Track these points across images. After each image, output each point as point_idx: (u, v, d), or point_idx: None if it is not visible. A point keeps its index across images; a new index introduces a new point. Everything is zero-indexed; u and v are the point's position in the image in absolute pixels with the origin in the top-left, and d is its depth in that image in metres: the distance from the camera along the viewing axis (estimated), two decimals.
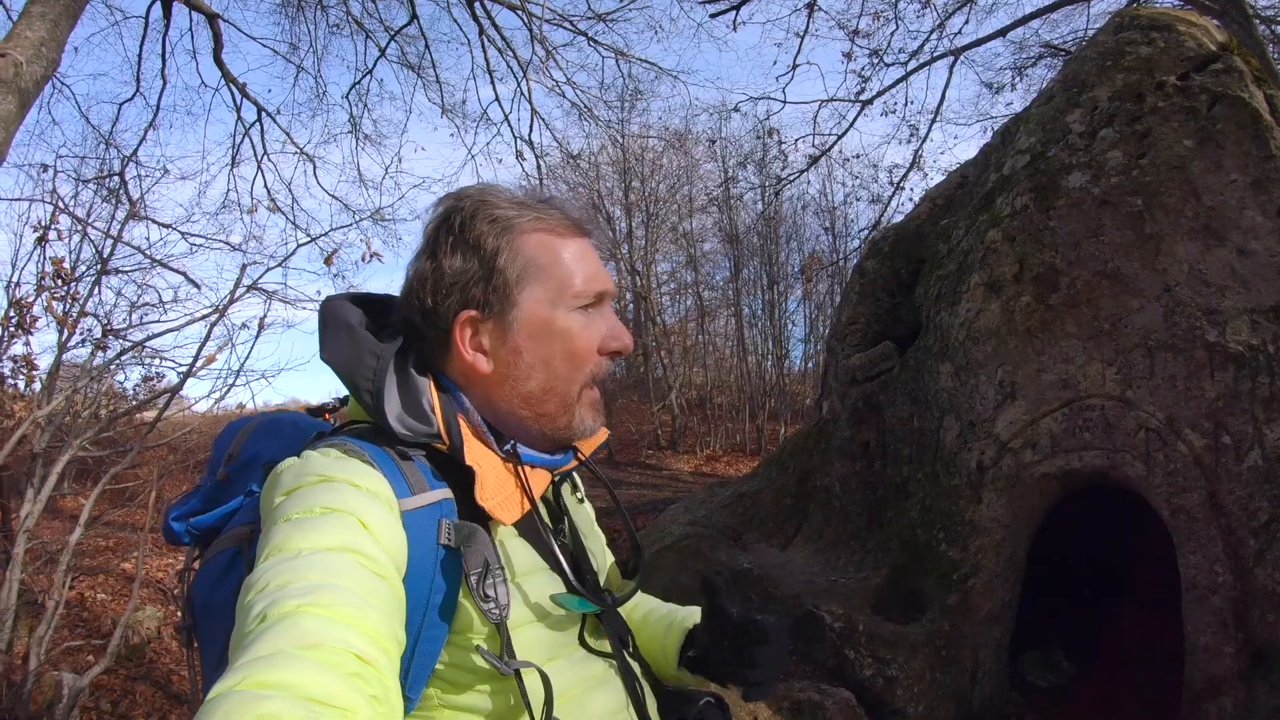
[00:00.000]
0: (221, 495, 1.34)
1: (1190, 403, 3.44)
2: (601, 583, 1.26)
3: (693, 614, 1.39)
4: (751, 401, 19.66)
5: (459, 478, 1.09)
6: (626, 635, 1.26)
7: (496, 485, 1.09)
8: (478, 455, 1.10)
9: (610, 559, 1.37)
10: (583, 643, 1.17)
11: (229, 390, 5.36)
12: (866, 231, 13.41)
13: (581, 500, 1.37)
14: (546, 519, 1.19)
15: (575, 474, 1.35)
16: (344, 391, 1.20)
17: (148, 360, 6.60)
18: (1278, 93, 3.90)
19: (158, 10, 8.98)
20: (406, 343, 1.16)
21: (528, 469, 1.15)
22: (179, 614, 1.39)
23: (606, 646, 1.20)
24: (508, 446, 1.15)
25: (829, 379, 6.18)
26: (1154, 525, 3.56)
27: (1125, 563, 4.44)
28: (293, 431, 1.35)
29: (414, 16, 10.55)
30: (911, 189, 12.41)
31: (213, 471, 1.37)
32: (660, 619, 1.42)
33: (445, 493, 1.08)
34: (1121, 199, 3.78)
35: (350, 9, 10.71)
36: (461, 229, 1.14)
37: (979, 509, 3.98)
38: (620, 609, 1.42)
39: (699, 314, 23.23)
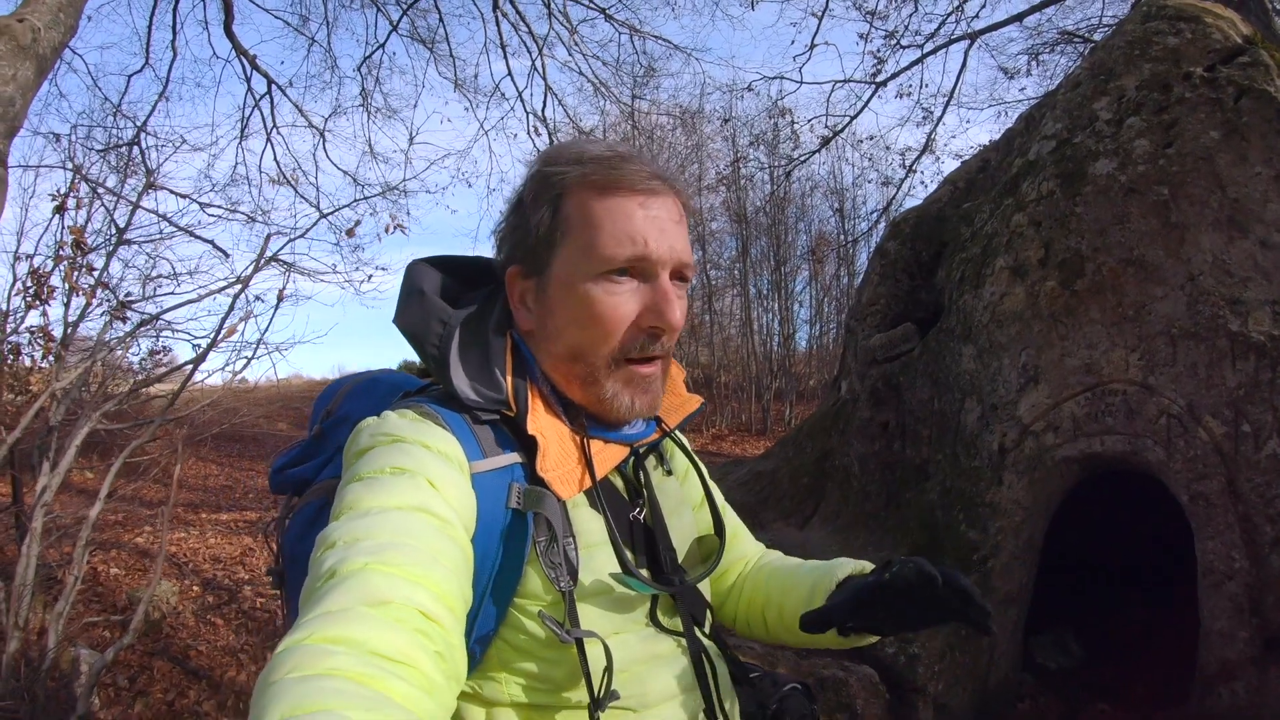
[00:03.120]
0: (316, 450, 1.38)
1: (1211, 390, 3.50)
2: (680, 559, 1.23)
3: (836, 570, 1.28)
4: (757, 381, 19.69)
5: (529, 445, 1.09)
6: (702, 614, 1.24)
7: (559, 457, 1.09)
8: (543, 425, 1.10)
9: (696, 534, 1.32)
10: (654, 619, 1.16)
11: (248, 364, 5.38)
12: (876, 213, 13.42)
13: (669, 473, 1.34)
14: (624, 493, 1.19)
15: (663, 446, 1.33)
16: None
17: (161, 333, 6.62)
18: None
19: None
20: (487, 302, 1.19)
21: (600, 443, 1.15)
22: (273, 560, 1.42)
23: (679, 625, 1.18)
24: (579, 419, 1.15)
25: (848, 359, 6.22)
26: (1168, 511, 3.62)
27: (1137, 548, 4.50)
28: (388, 392, 1.36)
29: None
30: (923, 172, 12.42)
31: (311, 427, 1.42)
32: (811, 572, 1.33)
33: (515, 457, 1.09)
34: (1148, 188, 3.82)
35: None
36: (527, 185, 1.16)
37: (999, 491, 4.04)
38: (753, 568, 1.48)
39: (706, 293, 23.23)
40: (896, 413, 5.20)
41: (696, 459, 1.38)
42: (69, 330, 5.65)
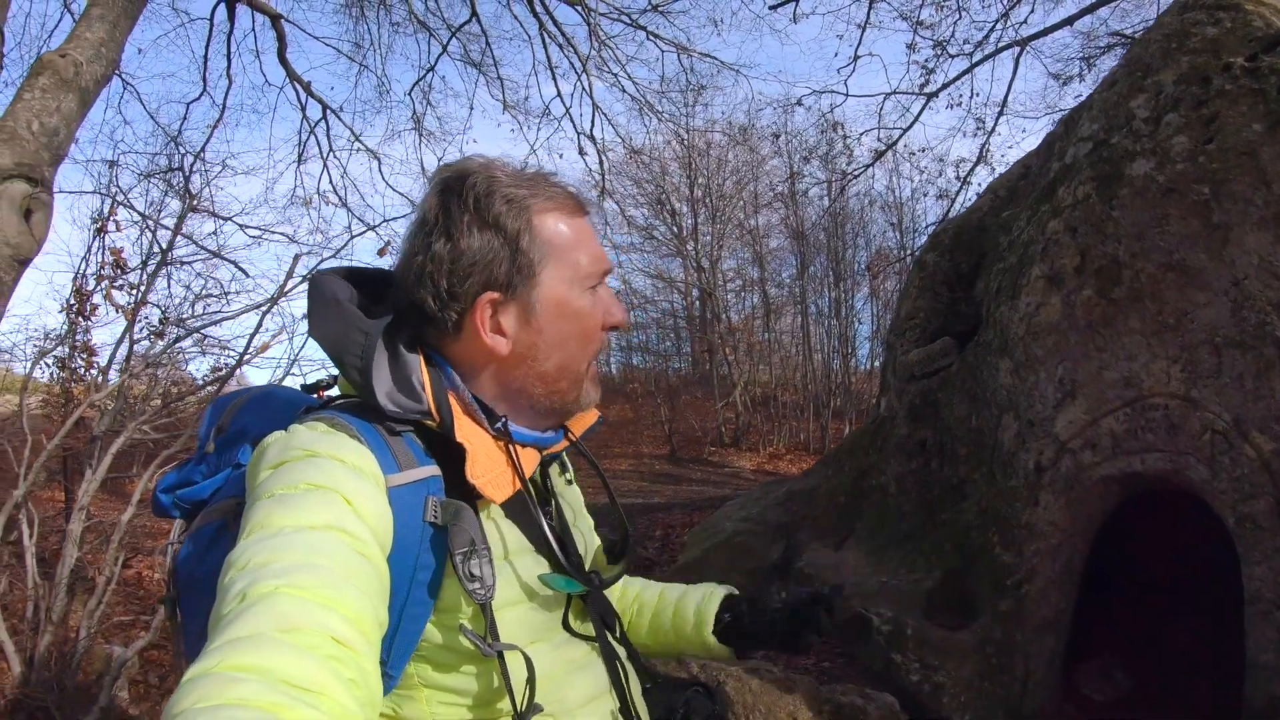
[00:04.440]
0: (209, 468, 1.34)
1: (1259, 403, 3.26)
2: (587, 566, 1.26)
3: (717, 588, 1.47)
4: (816, 400, 19.47)
5: (448, 455, 1.08)
6: (612, 619, 1.26)
7: (487, 463, 1.08)
8: (468, 433, 1.09)
9: (597, 542, 1.36)
10: (566, 626, 1.17)
11: (286, 377, 5.49)
12: (933, 227, 13.15)
13: (570, 482, 1.37)
14: (534, 498, 1.19)
15: (564, 455, 1.34)
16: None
17: (210, 349, 6.81)
18: None
19: (222, 12, 9.23)
20: (397, 319, 1.14)
21: (518, 448, 1.14)
22: (165, 588, 1.42)
23: (590, 630, 1.20)
24: (499, 424, 1.14)
25: (887, 375, 6.05)
26: (1217, 533, 3.38)
27: (1186, 573, 4.24)
28: (284, 406, 1.34)
29: (474, 14, 10.66)
30: (979, 183, 12.12)
31: (202, 444, 1.37)
32: (684, 591, 1.47)
33: (433, 470, 1.07)
34: (1187, 187, 3.60)
35: (413, 7, 10.88)
36: (477, 207, 1.12)
37: (1036, 512, 3.84)
38: (618, 592, 1.51)
39: (765, 311, 23.08)
40: (934, 430, 5.01)
41: (600, 470, 1.42)
42: (124, 346, 5.84)
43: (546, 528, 1.16)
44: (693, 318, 25.17)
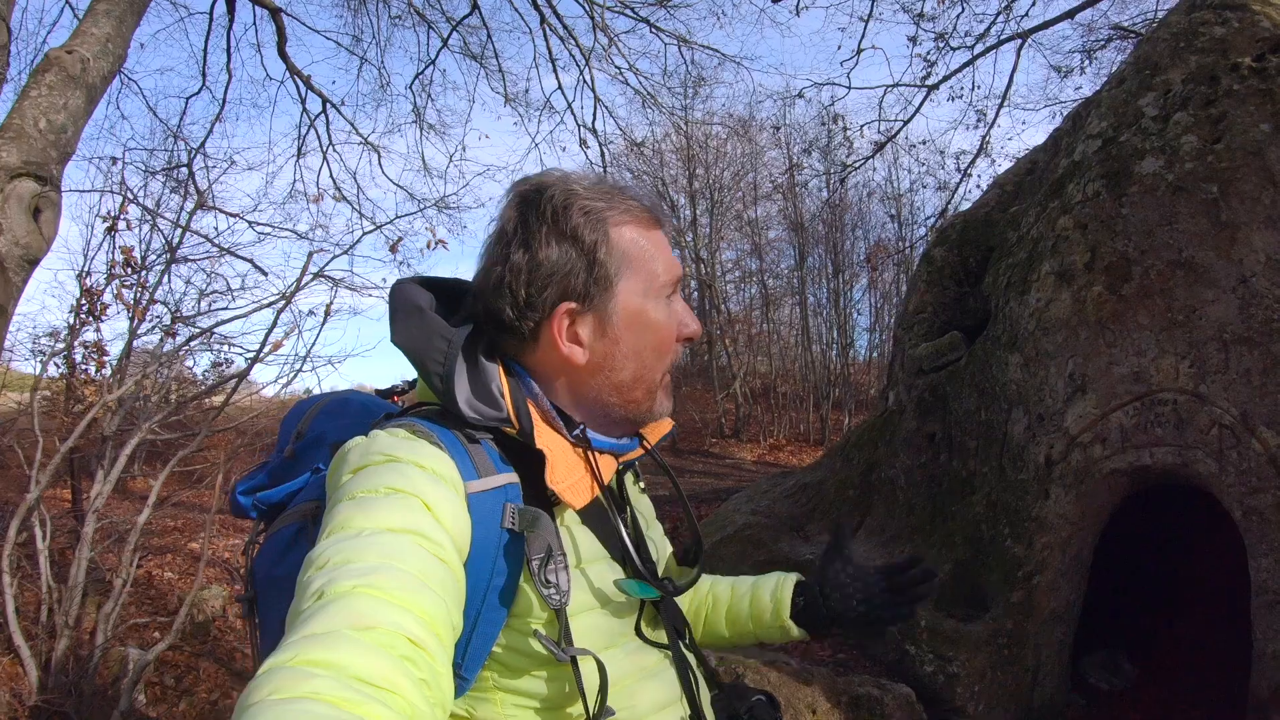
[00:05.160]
0: (288, 472, 1.37)
1: (1266, 399, 3.32)
2: (660, 572, 1.27)
3: (788, 576, 1.50)
4: (816, 391, 19.51)
5: (526, 462, 1.10)
6: (683, 626, 1.28)
7: (567, 469, 1.10)
8: (548, 440, 1.11)
9: (669, 549, 1.38)
10: (639, 633, 1.18)
11: (296, 375, 5.51)
12: (933, 219, 13.16)
13: (643, 490, 1.38)
14: (612, 506, 1.20)
15: (636, 463, 1.34)
16: (412, 374, 1.22)
17: (216, 346, 6.80)
18: None
19: (221, 6, 9.20)
20: (477, 328, 1.17)
21: (596, 455, 1.16)
22: (242, 587, 1.43)
23: (663, 637, 1.21)
24: (577, 431, 1.15)
25: (895, 369, 6.10)
26: (1224, 526, 3.44)
27: (1193, 565, 4.31)
28: (360, 412, 1.38)
29: (475, 7, 10.63)
30: (979, 176, 12.20)
31: (280, 448, 1.41)
32: (755, 582, 1.50)
33: (511, 477, 1.09)
34: (1196, 185, 3.65)
35: (412, 1, 10.82)
36: (555, 219, 1.13)
37: (1046, 504, 3.90)
38: (690, 592, 1.48)
39: (764, 302, 23.10)
40: (943, 424, 5.07)
41: (672, 473, 1.43)
42: (128, 344, 5.84)
43: (624, 534, 1.17)
44: (693, 308, 25.13)
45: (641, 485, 1.38)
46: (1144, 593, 4.37)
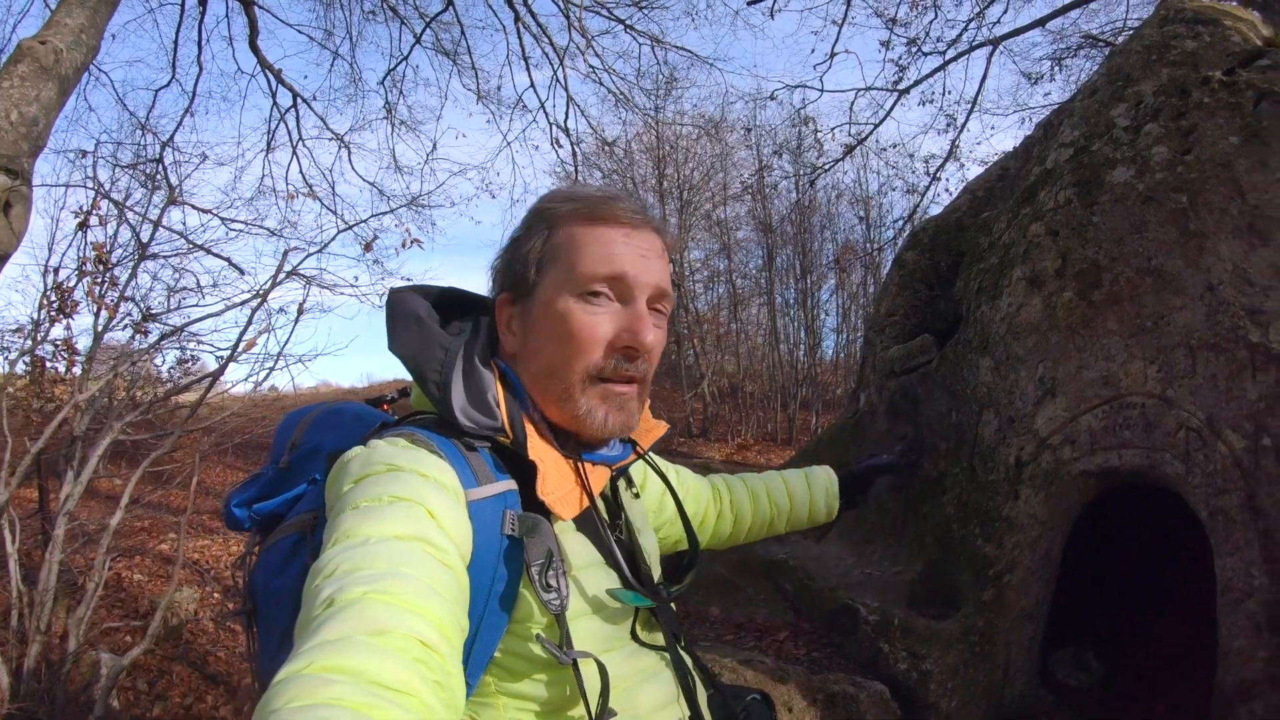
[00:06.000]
0: (283, 483, 1.38)
1: (1231, 403, 3.41)
2: (656, 577, 1.30)
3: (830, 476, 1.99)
4: (783, 391, 19.63)
5: (521, 471, 1.12)
6: (679, 629, 1.30)
7: (558, 481, 1.12)
8: (540, 451, 1.13)
9: (682, 532, 1.46)
10: (634, 636, 1.21)
11: (269, 375, 5.47)
12: (901, 222, 13.34)
13: (637, 495, 1.40)
14: (604, 514, 1.23)
15: (630, 469, 1.37)
16: (407, 380, 1.24)
17: (187, 344, 6.72)
18: None
19: None
20: (475, 333, 1.21)
21: (588, 466, 1.19)
22: (239, 599, 1.42)
23: (658, 640, 1.24)
24: (569, 444, 1.19)
25: (866, 371, 6.17)
26: (1191, 527, 3.53)
27: (1164, 565, 4.41)
28: (354, 422, 1.39)
29: (449, 3, 10.64)
30: (948, 180, 12.34)
31: (275, 459, 1.42)
32: (789, 489, 1.88)
33: (510, 484, 1.11)
34: (1165, 195, 3.74)
35: None
36: (522, 221, 1.22)
37: (1016, 505, 3.97)
38: (708, 507, 1.72)
39: (732, 302, 23.19)
40: (914, 425, 5.14)
41: (670, 481, 1.46)
42: (95, 342, 5.75)
43: (614, 544, 1.20)
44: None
45: (635, 491, 1.40)
46: (1117, 593, 4.46)
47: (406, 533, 0.94)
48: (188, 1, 9.60)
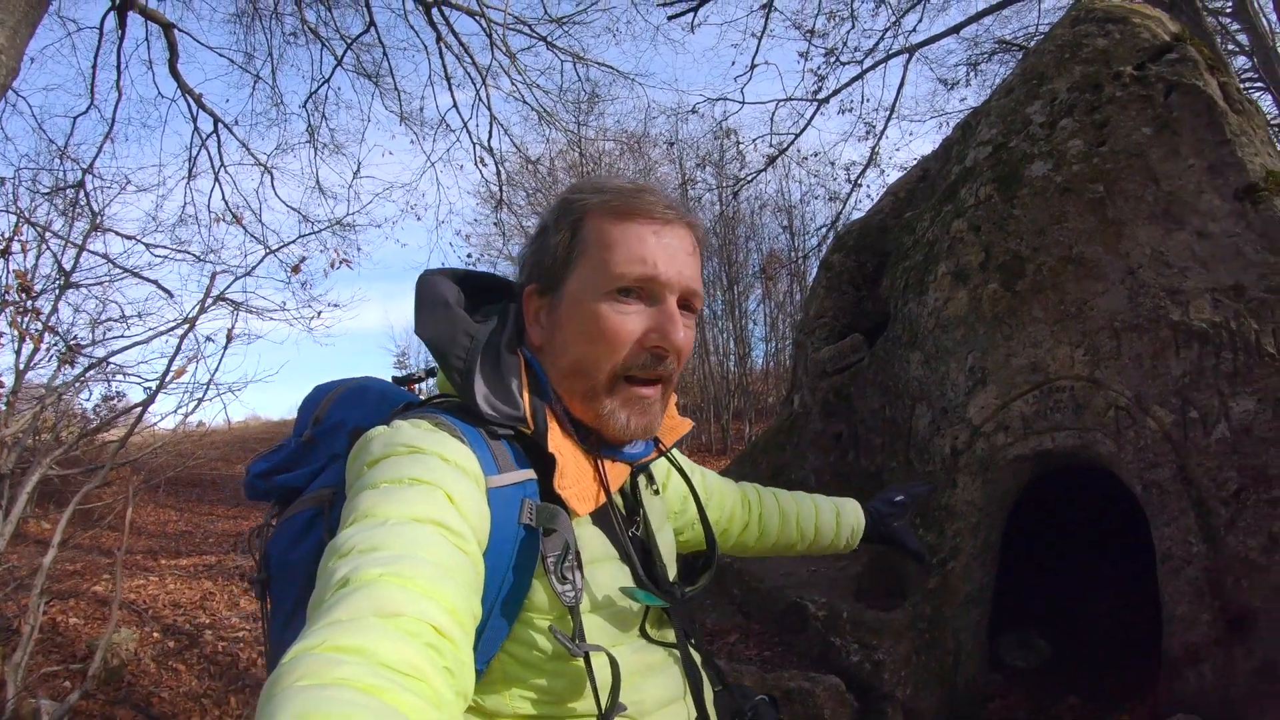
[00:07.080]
0: (304, 456, 1.36)
1: (1157, 380, 3.54)
2: (671, 575, 1.29)
3: (856, 509, 1.95)
4: (715, 402, 19.71)
5: (540, 463, 1.11)
6: (691, 627, 1.28)
7: (575, 475, 1.12)
8: (560, 444, 1.12)
9: (704, 522, 1.43)
10: (644, 633, 1.21)
11: (198, 405, 5.31)
12: (824, 229, 13.57)
13: (657, 492, 1.39)
14: (622, 510, 1.23)
15: (651, 465, 1.36)
16: (433, 361, 1.22)
17: (112, 376, 6.49)
18: (1230, 80, 4.03)
19: (112, 20, 8.88)
20: (502, 322, 1.20)
21: (608, 462, 1.18)
22: (255, 569, 1.40)
23: (668, 637, 1.23)
24: (590, 439, 1.18)
25: (798, 373, 6.23)
26: (1127, 501, 3.65)
27: (1101, 540, 4.54)
28: (378, 400, 1.37)
29: (371, 24, 10.52)
30: (869, 185, 12.62)
31: (298, 432, 1.40)
32: (818, 514, 1.87)
33: (530, 474, 1.10)
34: (1083, 186, 3.88)
35: (306, 18, 10.63)
36: (550, 212, 1.22)
37: (954, 494, 4.05)
38: (732, 514, 1.72)
39: None
40: (848, 423, 5.21)
41: (691, 480, 1.45)
42: (19, 376, 5.52)
43: (629, 541, 1.20)
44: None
45: (655, 488, 1.39)
46: (1058, 575, 4.57)
47: (425, 516, 0.93)
48: (106, 24, 9.33)
